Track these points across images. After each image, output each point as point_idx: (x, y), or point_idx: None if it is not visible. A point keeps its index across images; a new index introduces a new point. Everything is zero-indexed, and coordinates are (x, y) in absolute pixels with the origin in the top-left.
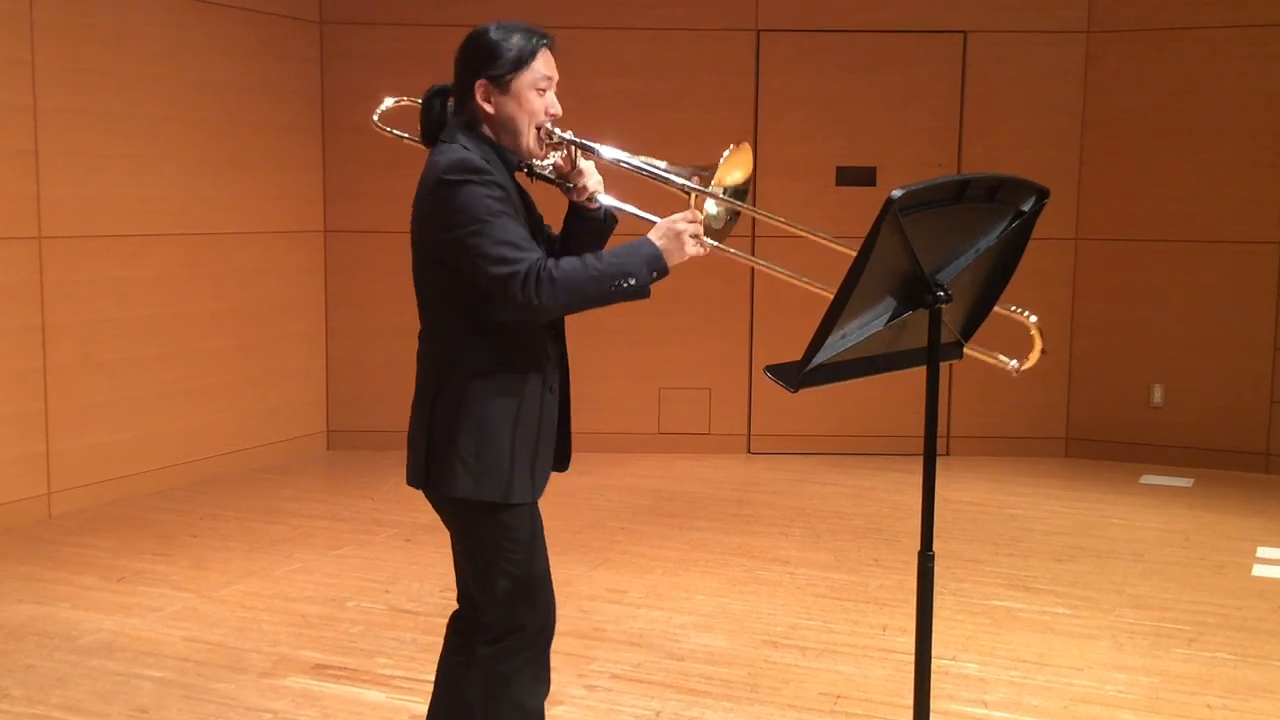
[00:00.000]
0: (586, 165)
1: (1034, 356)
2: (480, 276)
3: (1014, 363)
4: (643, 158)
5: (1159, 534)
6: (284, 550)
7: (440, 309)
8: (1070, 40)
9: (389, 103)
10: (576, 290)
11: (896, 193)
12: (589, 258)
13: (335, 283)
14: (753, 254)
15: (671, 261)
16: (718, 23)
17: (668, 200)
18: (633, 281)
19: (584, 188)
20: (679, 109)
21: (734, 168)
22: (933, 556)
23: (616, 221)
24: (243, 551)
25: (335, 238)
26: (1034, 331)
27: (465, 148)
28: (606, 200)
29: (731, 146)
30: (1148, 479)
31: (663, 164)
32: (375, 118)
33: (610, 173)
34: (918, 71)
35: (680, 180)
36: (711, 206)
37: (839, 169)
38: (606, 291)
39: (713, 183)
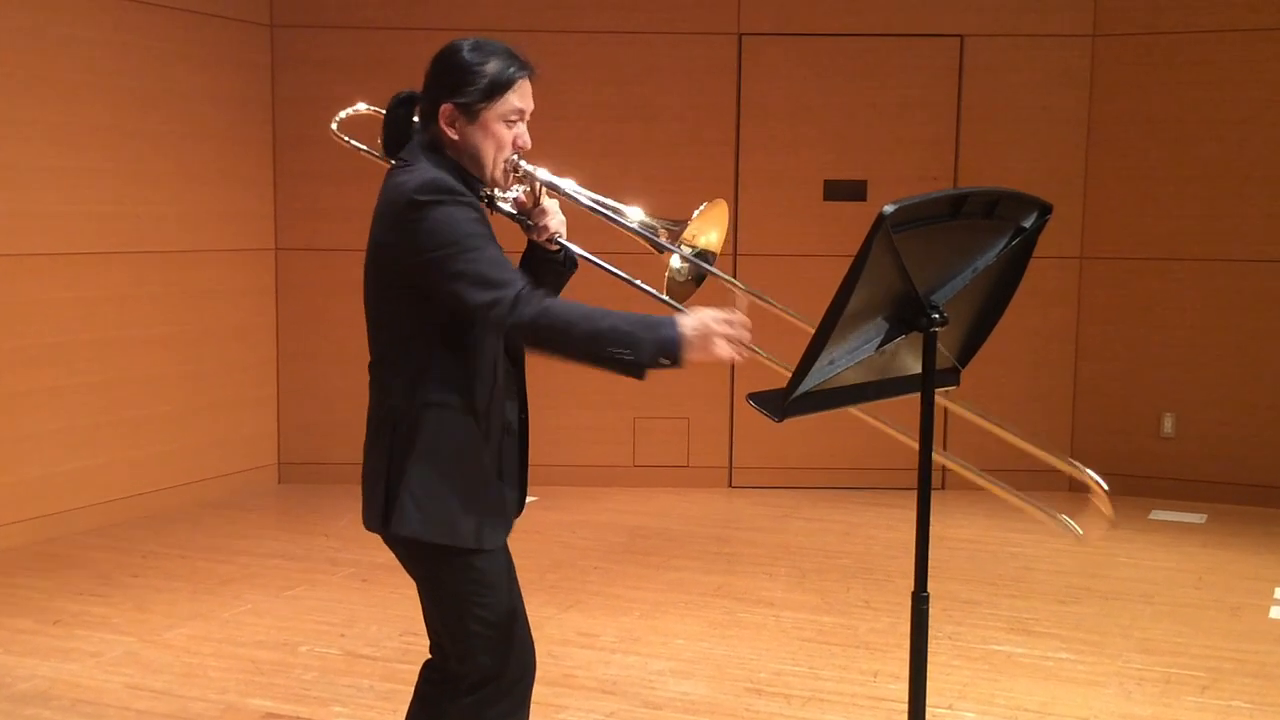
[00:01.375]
0: (550, 204)
1: (1097, 527)
2: (457, 303)
3: (1078, 529)
4: (612, 203)
5: (1170, 574)
6: (232, 591)
7: (393, 340)
8: (1074, 45)
9: (351, 110)
10: (570, 333)
11: (888, 208)
12: (601, 311)
13: (288, 305)
14: (734, 275)
15: (691, 356)
16: (696, 26)
17: (633, 245)
18: (630, 357)
19: (545, 227)
20: (654, 119)
21: (708, 226)
22: (927, 598)
23: (576, 266)
24: (188, 592)
25: (288, 256)
26: (1099, 502)
27: (430, 169)
28: (568, 243)
29: (706, 203)
30: (1157, 514)
31: (631, 211)
32: (334, 125)
33: (574, 213)
34: (911, 78)
35: (646, 234)
36: (675, 260)
37: (827, 183)
38: (600, 352)
39: (681, 239)
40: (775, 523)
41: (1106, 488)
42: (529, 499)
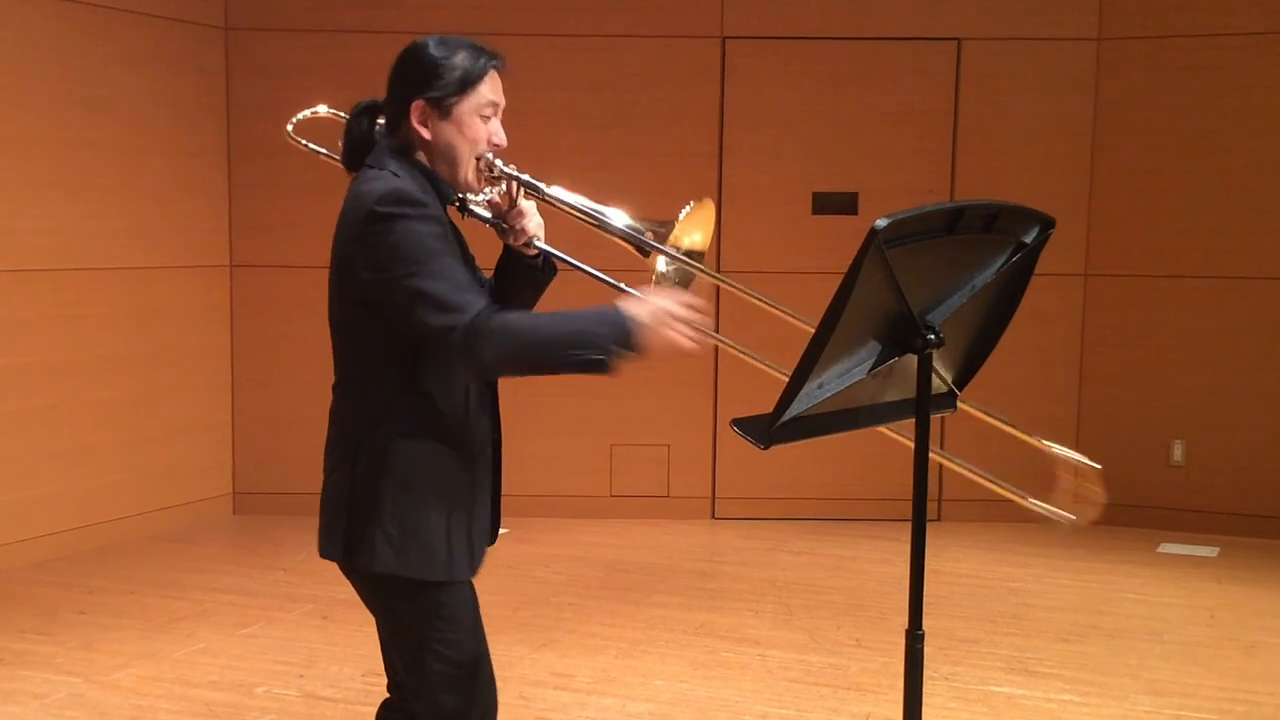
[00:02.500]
0: (527, 205)
1: (1088, 511)
2: (414, 324)
3: (1069, 516)
4: (592, 204)
5: (1180, 610)
6: (185, 629)
7: (360, 358)
8: (1078, 49)
9: (310, 112)
10: (525, 351)
11: (881, 222)
12: (545, 315)
13: (243, 325)
14: (717, 296)
15: (649, 342)
16: (677, 29)
17: (615, 251)
18: (593, 355)
19: (522, 230)
20: (632, 127)
21: (694, 227)
22: (922, 636)
23: (556, 271)
24: (138, 630)
25: (243, 273)
26: (1089, 483)
27: (396, 175)
28: (546, 247)
29: (692, 203)
30: (1167, 548)
31: (613, 213)
32: (290, 128)
33: (553, 217)
34: (906, 84)
35: (631, 235)
36: (662, 265)
37: (815, 195)
38: (559, 359)
39: (667, 242)
40: (761, 556)
41: (1097, 466)
42: (499, 531)
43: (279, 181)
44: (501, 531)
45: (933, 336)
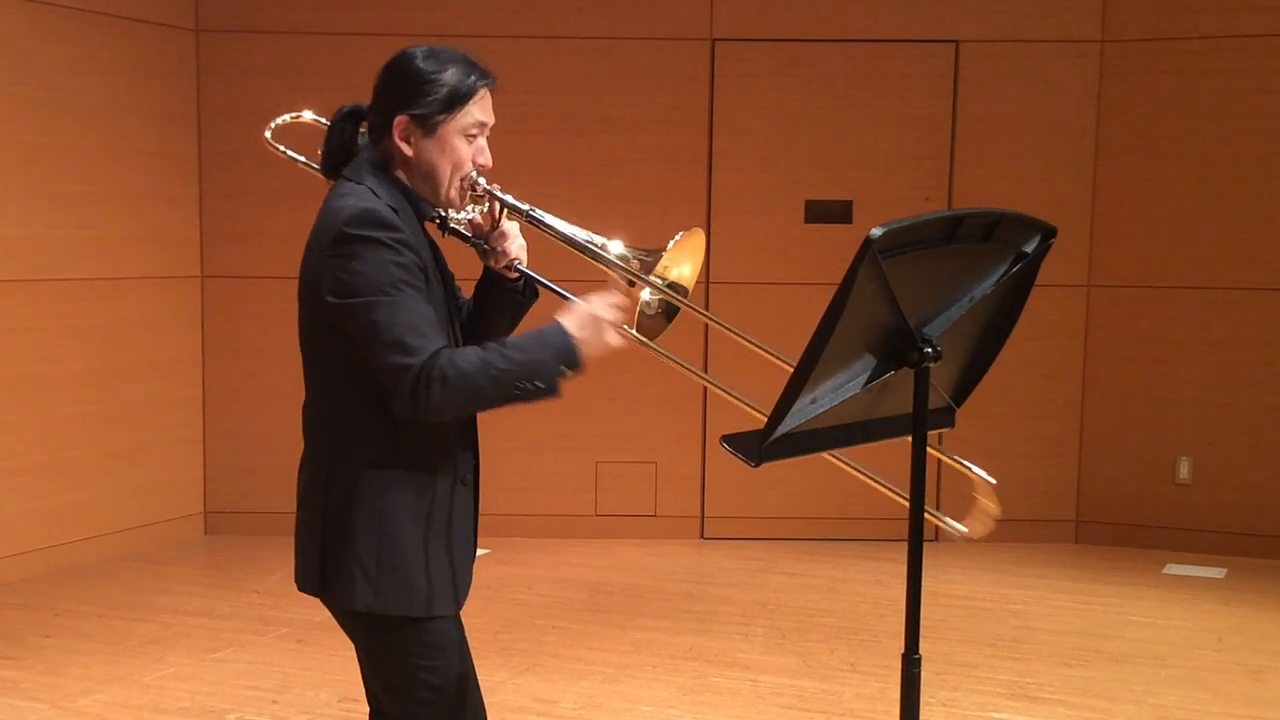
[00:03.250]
0: (510, 227)
1: (983, 524)
2: (369, 358)
3: (961, 529)
4: (579, 230)
5: (1186, 634)
6: (154, 653)
7: (331, 380)
8: (1081, 52)
9: (290, 117)
10: (473, 393)
11: (876, 231)
12: (492, 351)
13: (214, 337)
14: (706, 306)
15: (588, 354)
16: (664, 30)
17: (598, 274)
18: (540, 385)
19: (504, 253)
20: (617, 133)
21: (683, 257)
22: (919, 660)
23: (537, 295)
24: (105, 654)
25: (214, 284)
26: (983, 498)
27: (374, 192)
28: (528, 271)
29: (682, 233)
30: (1173, 569)
31: (600, 240)
32: (268, 133)
33: (535, 238)
34: (902, 88)
35: (617, 265)
36: (646, 293)
37: (808, 203)
38: (508, 394)
39: (654, 271)
40: (751, 578)
41: (993, 481)
42: (480, 552)
43: (252, 189)
44: (481, 552)
45: (930, 350)
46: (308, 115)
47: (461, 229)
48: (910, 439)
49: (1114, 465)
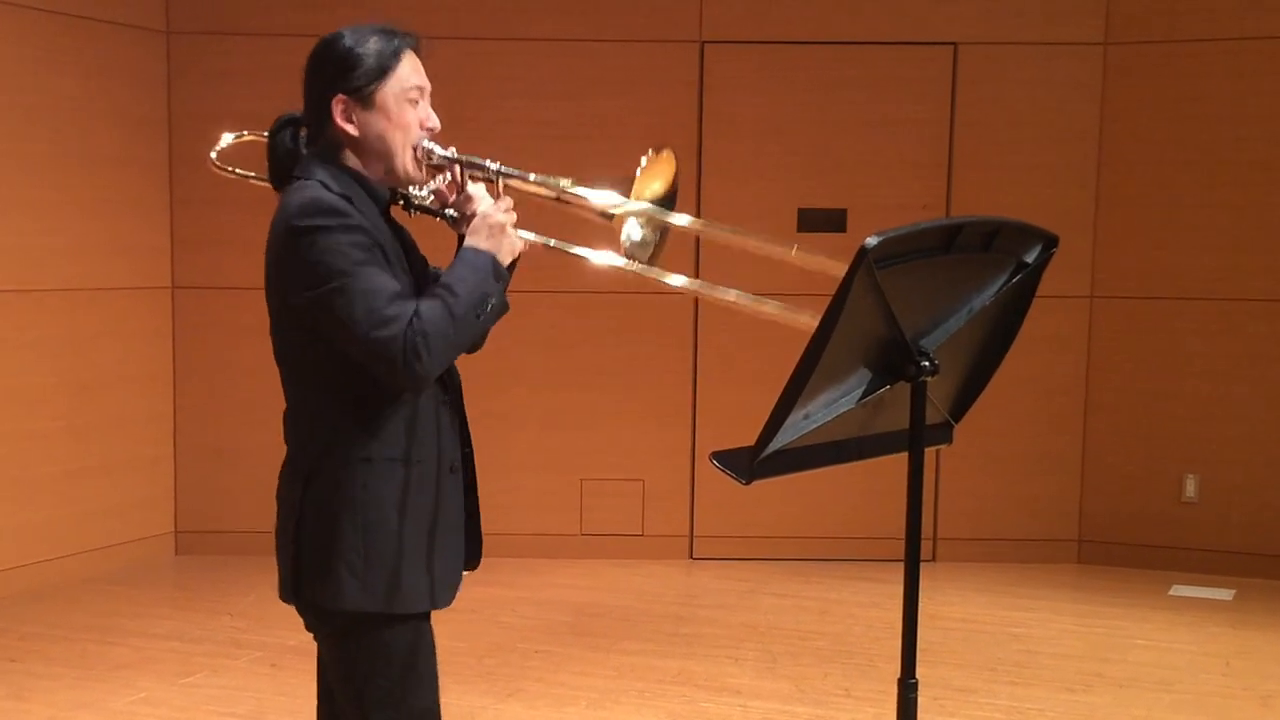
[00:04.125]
0: (476, 190)
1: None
2: (350, 343)
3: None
4: (543, 176)
5: (1193, 658)
6: (124, 678)
7: (306, 381)
8: (1084, 54)
9: (228, 139)
10: (450, 340)
11: (871, 240)
12: (444, 296)
13: (186, 350)
14: (696, 317)
15: (505, 262)
16: (652, 33)
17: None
18: (493, 301)
19: (473, 215)
20: (604, 138)
21: (653, 179)
22: (916, 685)
23: (515, 262)
24: (72, 679)
25: (186, 295)
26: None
27: (324, 184)
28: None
29: (650, 152)
30: (1179, 590)
31: (568, 182)
32: (213, 156)
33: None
34: (898, 92)
35: (591, 201)
36: (635, 230)
37: (801, 211)
38: (474, 325)
39: (630, 198)
40: (742, 599)
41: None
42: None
43: (225, 196)
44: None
45: (927, 363)
46: (245, 135)
47: (427, 203)
48: (907, 456)
49: (1118, 483)
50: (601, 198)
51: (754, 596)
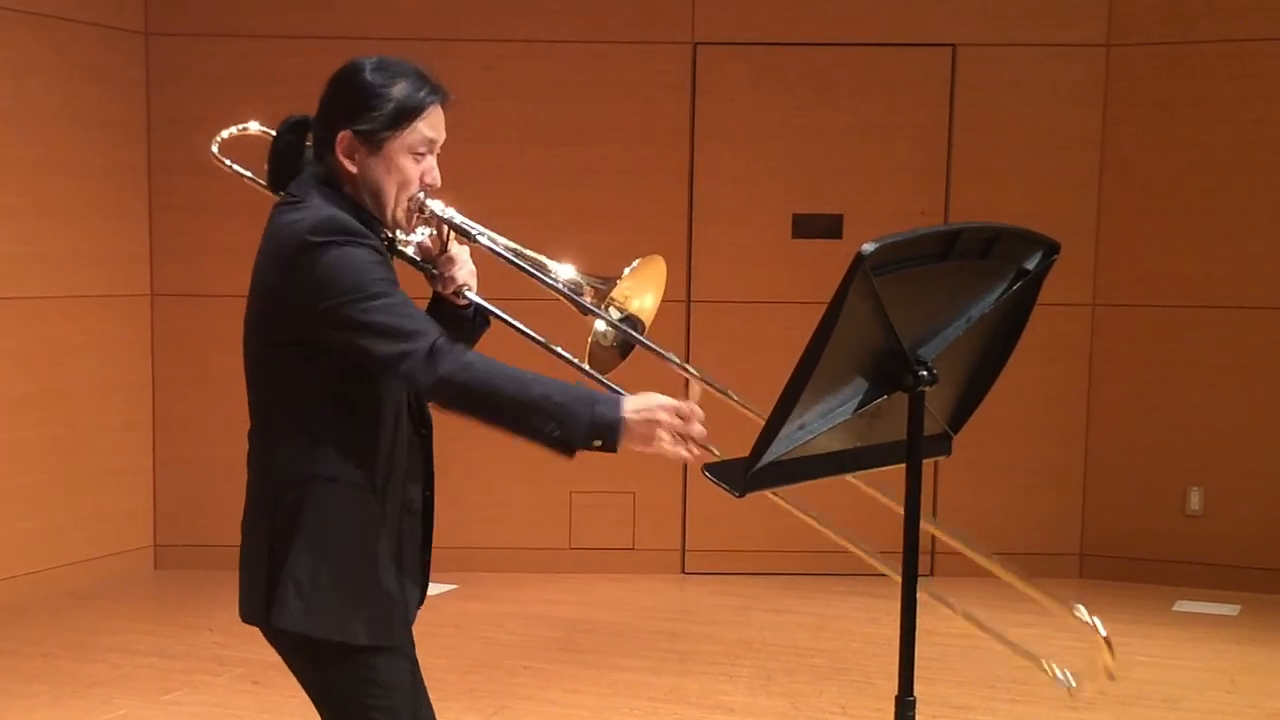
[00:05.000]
0: (459, 252)
1: (1097, 679)
2: (359, 354)
3: (1070, 682)
4: (532, 255)
5: (1198, 674)
6: (101, 695)
7: (279, 399)
8: (1086, 56)
9: (238, 129)
10: (490, 393)
11: (868, 247)
12: (526, 373)
13: (165, 360)
14: (687, 324)
15: (629, 445)
16: (643, 34)
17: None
18: (560, 434)
19: (452, 278)
20: (593, 143)
21: (643, 286)
22: (913, 703)
23: (488, 324)
24: (49, 697)
25: (165, 303)
26: (1105, 652)
27: (324, 207)
28: (477, 299)
29: (640, 260)
30: (1183, 605)
31: (555, 266)
32: (215, 147)
33: (485, 259)
34: (895, 95)
35: (569, 293)
36: (601, 324)
37: (796, 217)
38: (523, 421)
39: (610, 299)
40: (736, 615)
41: (1107, 637)
42: (445, 587)
43: (205, 202)
44: (448, 588)
45: (925, 373)
46: (254, 127)
47: (410, 251)
48: (904, 467)
49: (1121, 495)
50: (581, 304)
51: (748, 612)
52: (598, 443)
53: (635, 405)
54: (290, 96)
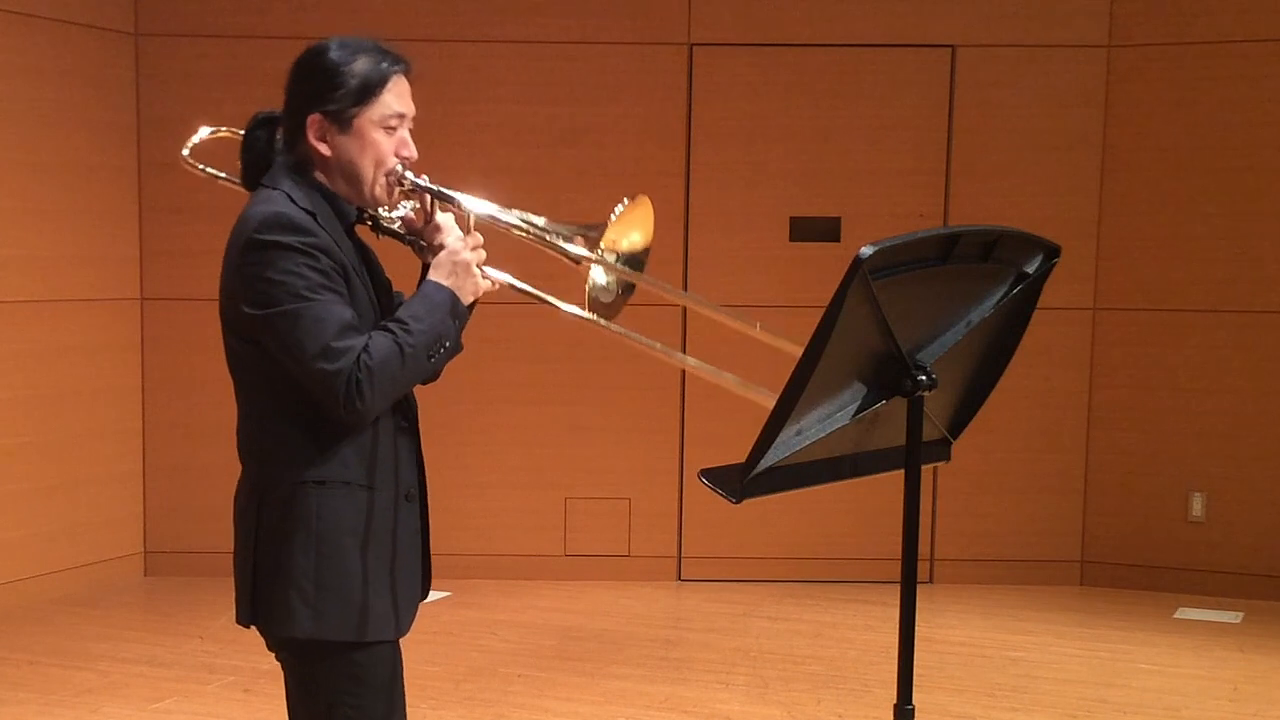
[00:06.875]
0: (444, 220)
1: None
2: (295, 369)
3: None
4: (516, 213)
5: (1200, 683)
6: (90, 703)
7: (259, 396)
8: (1086, 57)
9: (204, 133)
10: (396, 378)
11: (866, 250)
12: (398, 333)
13: (155, 364)
14: (684, 329)
15: (466, 301)
16: (639, 35)
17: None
18: (447, 344)
19: (440, 247)
20: (587, 144)
21: (630, 228)
22: (912, 711)
23: (476, 302)
24: (37, 705)
25: (155, 307)
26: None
27: (289, 196)
28: (493, 272)
29: (626, 200)
30: (1185, 612)
31: (541, 221)
32: (185, 152)
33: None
34: (894, 97)
35: (561, 242)
36: (599, 275)
37: (794, 220)
38: (424, 366)
39: (602, 246)
40: (732, 622)
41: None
42: (439, 595)
43: (196, 204)
44: (442, 595)
45: (924, 378)
46: (223, 130)
47: (394, 227)
48: (903, 473)
49: (1122, 501)
50: (575, 248)
51: (745, 619)
52: (459, 322)
53: (445, 271)
54: (280, 97)
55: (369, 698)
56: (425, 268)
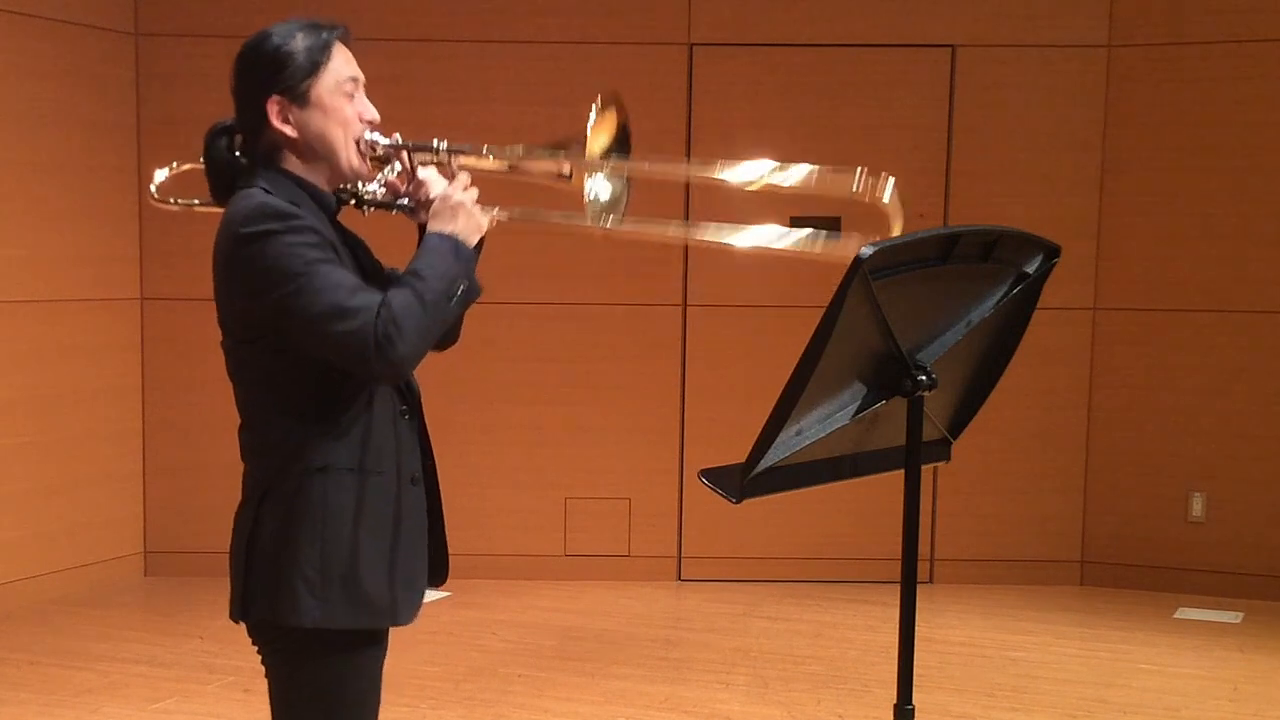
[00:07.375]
0: (427, 174)
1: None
2: (317, 343)
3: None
4: (493, 147)
5: (1201, 683)
6: (90, 703)
7: (257, 395)
8: (1087, 57)
9: (163, 174)
10: (424, 328)
11: (866, 250)
12: (412, 283)
13: (155, 365)
14: (683, 331)
15: (472, 243)
16: (638, 35)
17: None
18: (463, 285)
19: (429, 200)
20: None
21: (605, 129)
22: (912, 711)
23: (482, 242)
24: (37, 706)
25: (155, 307)
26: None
27: (267, 191)
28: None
29: (595, 107)
30: (1185, 612)
31: (520, 149)
32: (153, 190)
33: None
34: (893, 97)
35: (545, 164)
36: (600, 187)
37: (793, 220)
38: (446, 310)
39: (584, 155)
40: (732, 622)
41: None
42: (438, 594)
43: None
44: (441, 595)
45: (924, 378)
46: (185, 165)
47: (380, 197)
48: (903, 473)
49: (1122, 501)
50: (557, 160)
51: (745, 619)
52: (473, 258)
53: (446, 218)
54: None
55: (350, 703)
56: (422, 229)
